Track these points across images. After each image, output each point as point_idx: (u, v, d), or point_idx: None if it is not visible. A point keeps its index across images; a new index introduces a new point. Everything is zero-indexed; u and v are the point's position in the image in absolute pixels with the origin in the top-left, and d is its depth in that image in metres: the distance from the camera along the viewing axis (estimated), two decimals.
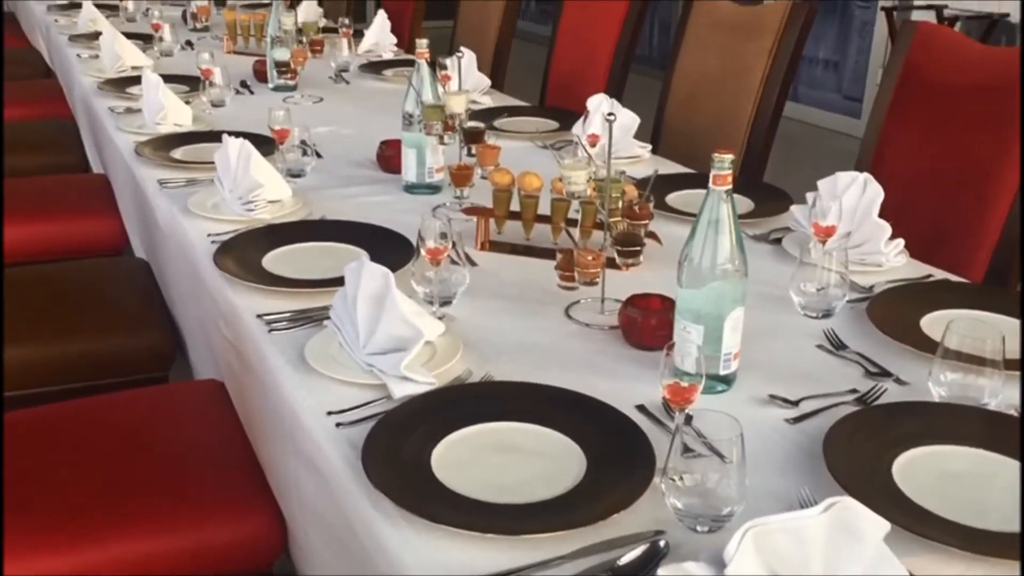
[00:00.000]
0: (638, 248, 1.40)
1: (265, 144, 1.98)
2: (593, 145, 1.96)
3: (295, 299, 1.43)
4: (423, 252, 1.35)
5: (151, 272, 2.24)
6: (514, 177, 1.62)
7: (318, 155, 2.15)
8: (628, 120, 2.14)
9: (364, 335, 1.23)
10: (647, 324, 1.28)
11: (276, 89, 2.80)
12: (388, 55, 3.36)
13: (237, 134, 1.93)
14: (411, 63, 3.20)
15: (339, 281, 1.32)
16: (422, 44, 1.87)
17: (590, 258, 1.35)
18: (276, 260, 1.56)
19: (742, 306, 1.18)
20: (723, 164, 1.13)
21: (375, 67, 3.11)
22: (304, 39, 2.81)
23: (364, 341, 1.23)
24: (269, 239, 1.62)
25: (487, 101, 2.73)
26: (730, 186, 1.15)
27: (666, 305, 1.29)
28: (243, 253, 1.57)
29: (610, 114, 1.33)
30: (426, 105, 1.80)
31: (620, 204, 1.42)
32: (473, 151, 1.81)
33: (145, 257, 2.32)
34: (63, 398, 1.80)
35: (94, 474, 1.47)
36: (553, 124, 2.49)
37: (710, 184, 1.14)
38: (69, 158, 3.22)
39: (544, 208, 1.63)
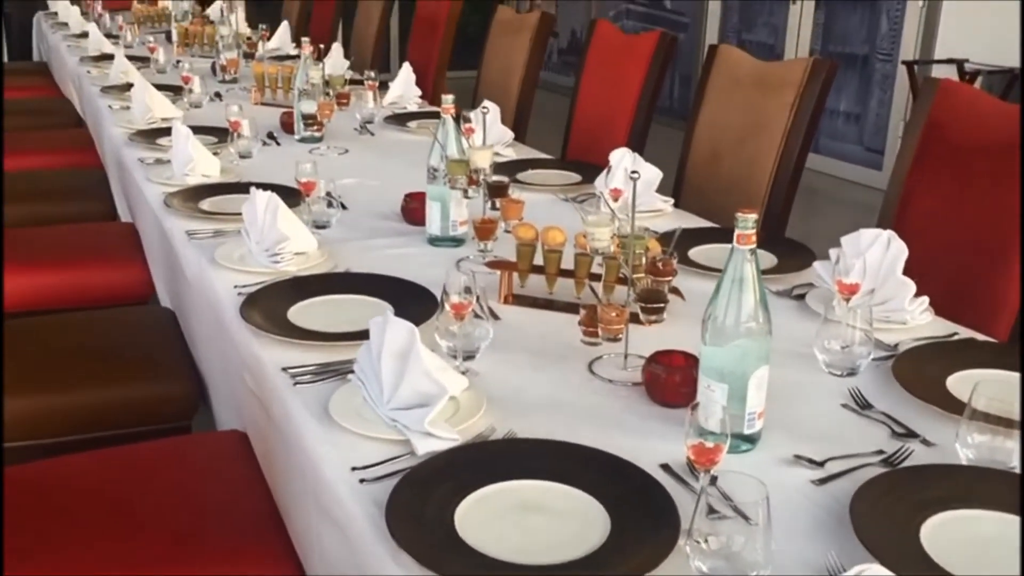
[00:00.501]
0: (662, 305, 1.41)
1: (291, 196, 2.01)
2: (616, 199, 1.98)
3: (320, 352, 1.44)
4: (447, 306, 1.36)
5: (176, 321, 2.26)
6: (538, 232, 1.63)
7: (343, 207, 2.18)
8: (651, 175, 2.16)
9: (388, 390, 1.23)
10: (671, 381, 1.28)
11: (302, 140, 2.85)
12: (412, 107, 3.41)
13: (264, 186, 1.96)
14: (435, 115, 3.26)
15: (364, 335, 1.33)
16: (448, 100, 1.90)
17: (614, 314, 1.35)
18: (301, 312, 1.58)
19: (766, 365, 1.18)
20: (747, 223, 1.14)
21: (400, 119, 3.16)
22: (331, 92, 2.85)
23: (388, 396, 1.23)
24: (295, 291, 1.64)
25: (510, 154, 2.75)
26: (754, 245, 1.15)
27: (690, 362, 1.29)
28: (269, 305, 1.58)
29: (634, 172, 1.34)
30: (451, 159, 1.82)
31: (644, 260, 1.43)
32: (497, 205, 1.83)
33: (171, 306, 2.34)
34: (87, 446, 1.81)
35: (115, 524, 1.48)
36: (575, 177, 2.51)
37: (734, 243, 1.15)
38: (98, 207, 3.27)
39: (568, 263, 1.64)
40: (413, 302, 1.59)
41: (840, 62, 5.60)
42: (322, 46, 3.53)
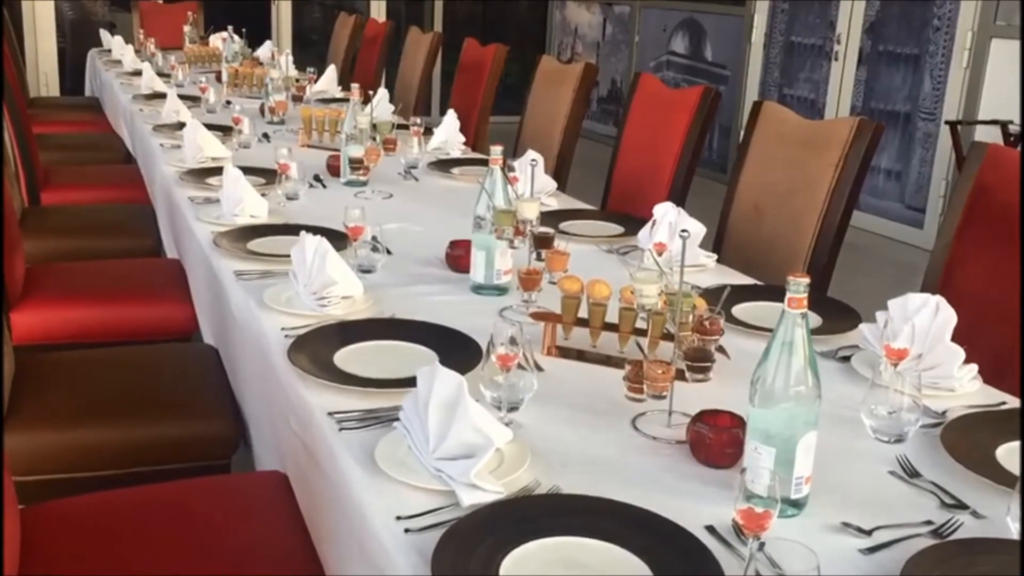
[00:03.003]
0: (708, 364, 1.41)
1: (338, 239, 2.04)
2: (660, 254, 1.99)
3: (366, 398, 1.45)
4: (494, 357, 1.37)
5: (219, 359, 2.28)
6: (583, 284, 1.64)
7: (388, 252, 2.20)
8: (696, 230, 2.16)
9: (434, 440, 1.24)
10: (716, 442, 1.27)
11: (348, 184, 2.89)
12: (456, 153, 3.45)
13: (312, 229, 2.00)
14: (479, 162, 3.32)
15: (410, 382, 1.34)
16: (496, 151, 1.92)
17: (660, 371, 1.35)
18: (348, 357, 1.59)
19: (815, 429, 1.18)
20: (799, 287, 1.14)
21: (443, 165, 3.19)
22: (378, 137, 2.90)
23: (434, 446, 1.24)
24: (341, 336, 1.66)
25: (553, 203, 2.78)
26: (805, 309, 1.15)
27: (735, 423, 1.29)
28: (316, 349, 1.60)
29: (683, 231, 1.35)
30: (498, 210, 1.84)
31: (691, 318, 1.43)
32: (542, 256, 1.85)
33: (214, 343, 2.37)
34: (126, 482, 1.84)
35: (153, 561, 1.49)
36: (618, 229, 2.52)
37: (785, 306, 1.15)
38: (145, 242, 3.33)
39: (612, 316, 1.65)
40: (458, 350, 1.60)
41: (882, 120, 5.62)
42: (371, 92, 3.60)
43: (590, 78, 3.80)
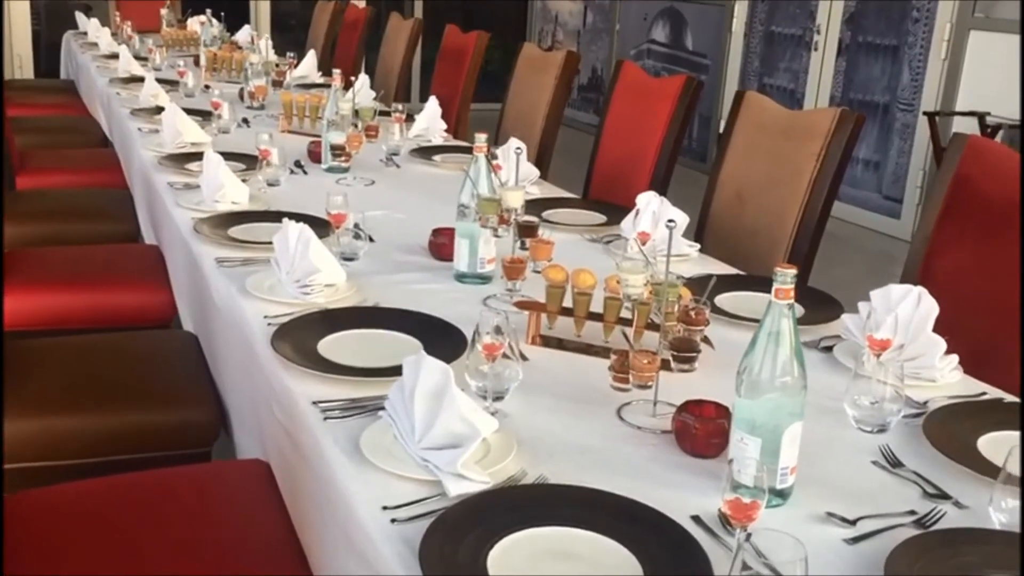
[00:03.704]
0: (694, 355, 1.41)
1: (320, 226, 2.02)
2: (644, 243, 1.99)
3: (350, 387, 1.45)
4: (479, 346, 1.36)
5: (199, 346, 2.26)
6: (568, 274, 1.64)
7: (370, 239, 2.19)
8: (678, 219, 2.17)
9: (420, 430, 1.24)
10: (702, 432, 1.28)
11: (329, 170, 2.87)
12: (438, 140, 3.43)
13: (293, 216, 1.98)
14: (461, 149, 3.30)
15: (395, 371, 1.34)
16: (480, 139, 1.91)
17: (645, 361, 1.35)
18: (331, 346, 1.58)
19: (800, 420, 1.18)
20: (786, 278, 1.15)
21: (425, 152, 3.18)
22: (359, 123, 2.87)
23: (420, 436, 1.23)
24: (325, 324, 1.65)
25: (535, 192, 2.77)
26: (792, 300, 1.16)
27: (720, 413, 1.29)
28: (299, 337, 1.59)
29: (670, 221, 1.35)
30: (483, 198, 1.83)
31: (676, 308, 1.43)
32: (526, 244, 1.84)
33: (194, 331, 2.35)
34: (104, 470, 1.82)
35: (131, 551, 1.48)
36: (600, 218, 2.52)
37: (772, 297, 1.15)
38: (122, 227, 3.29)
39: (596, 306, 1.65)
40: (442, 339, 1.59)
41: (861, 110, 5.65)
42: (353, 78, 3.57)
43: (572, 66, 3.79)
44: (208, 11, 4.85)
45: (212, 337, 2.08)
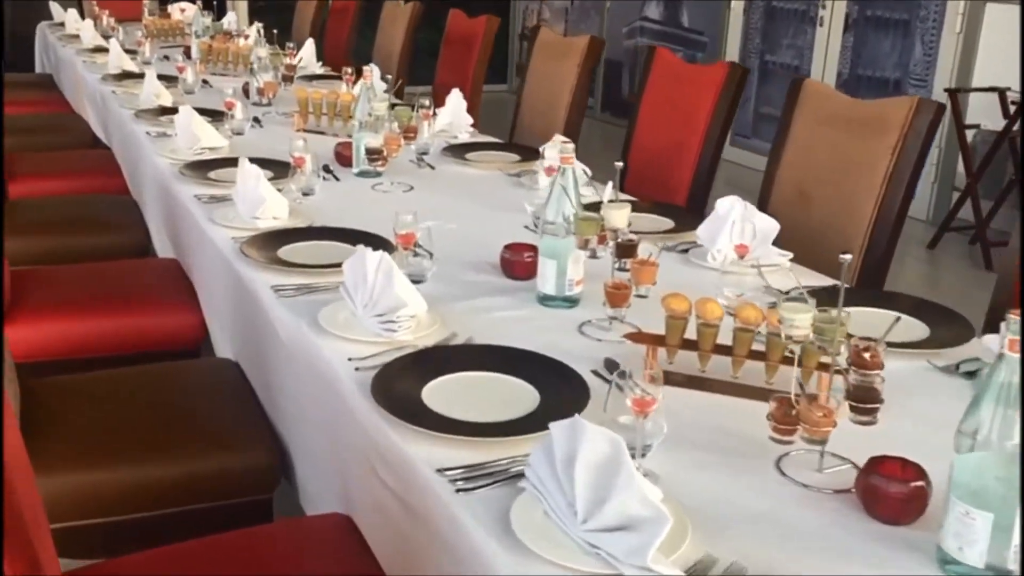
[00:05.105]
0: (876, 406, 1.25)
1: (372, 241, 1.86)
2: (742, 257, 1.83)
3: (475, 449, 1.27)
4: (629, 402, 1.20)
5: (243, 376, 2.08)
6: (691, 303, 1.47)
7: (429, 255, 2.01)
8: (767, 226, 2.01)
9: (585, 508, 1.07)
10: (898, 496, 1.12)
11: (361, 175, 2.67)
12: (464, 136, 3.24)
13: (354, 236, 1.80)
14: (491, 146, 3.11)
15: (520, 428, 1.19)
16: (568, 149, 1.73)
17: (820, 415, 1.19)
18: (438, 395, 1.40)
19: None
20: (1019, 328, 0.99)
21: (457, 150, 2.98)
22: (395, 124, 2.67)
23: (585, 515, 1.07)
24: (423, 368, 1.47)
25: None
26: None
27: (914, 473, 1.14)
28: (401, 387, 1.41)
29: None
30: (581, 216, 1.66)
31: (847, 348, 1.26)
32: (626, 266, 1.67)
33: (233, 357, 2.17)
34: (153, 527, 1.67)
35: None
36: (666, 222, 2.34)
37: (1005, 349, 0.99)
38: (131, 238, 3.08)
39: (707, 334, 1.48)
40: (558, 382, 1.43)
41: (870, 87, 5.51)
42: (347, 68, 3.33)
43: (596, 52, 3.61)
44: (199, 1, 4.58)
45: (270, 370, 1.89)
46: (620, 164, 1.80)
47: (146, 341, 2.42)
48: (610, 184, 1.80)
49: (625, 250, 1.66)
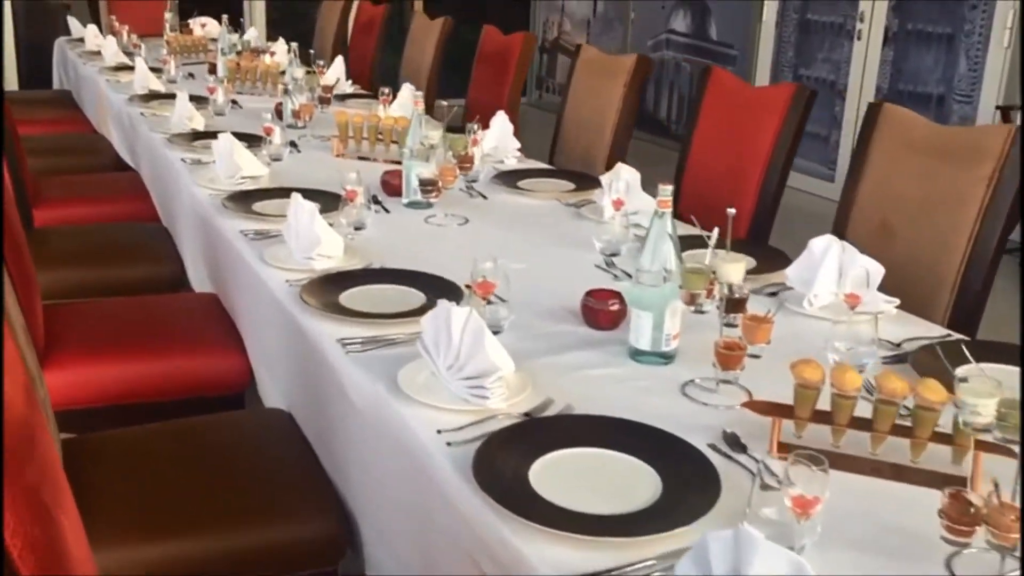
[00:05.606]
0: None
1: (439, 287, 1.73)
2: (853, 307, 1.67)
3: (599, 550, 1.11)
4: (788, 500, 1.04)
5: (298, 428, 1.92)
6: (825, 372, 1.31)
7: (501, 300, 1.85)
8: (873, 269, 1.85)
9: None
10: None
11: (410, 205, 2.52)
12: (511, 162, 3.08)
13: (426, 283, 1.65)
14: (544, 172, 2.95)
15: (653, 522, 1.03)
16: (666, 191, 1.57)
17: (1011, 519, 1.03)
18: (547, 477, 1.24)
19: None
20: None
21: (508, 178, 2.82)
22: (448, 152, 2.51)
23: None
24: (527, 444, 1.31)
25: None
26: None
27: None
28: (505, 467, 1.25)
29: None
30: (689, 268, 1.50)
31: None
32: (734, 321, 1.51)
33: (286, 408, 2.01)
34: None
35: None
36: (746, 259, 2.17)
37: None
38: (165, 270, 2.94)
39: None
40: (679, 461, 1.27)
41: (911, 103, 5.35)
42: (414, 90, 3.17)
43: (644, 72, 3.46)
44: (224, 17, 4.43)
45: (333, 430, 1.73)
46: (732, 211, 1.64)
47: (189, 386, 2.27)
48: (716, 232, 1.64)
49: (735, 304, 1.50)
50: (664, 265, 1.57)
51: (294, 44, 3.59)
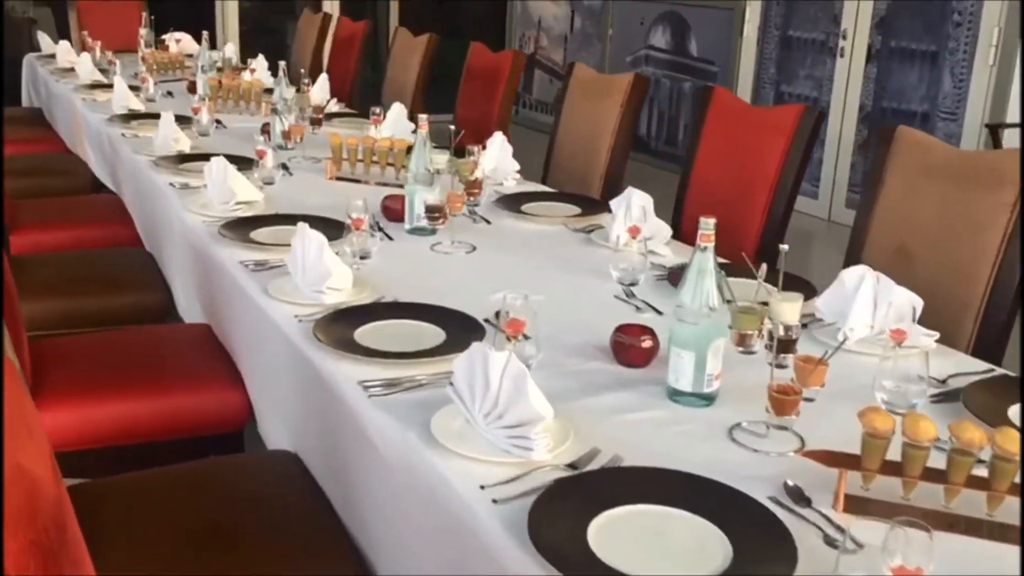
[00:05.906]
0: None
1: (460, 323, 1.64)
2: (900, 343, 1.60)
3: None
4: (888, 571, 0.96)
5: (307, 472, 1.82)
6: (895, 421, 1.24)
7: (526, 337, 1.76)
8: (909, 301, 1.78)
9: None
10: None
11: (414, 232, 2.43)
12: (511, 184, 3.00)
13: (439, 313, 1.56)
14: (545, 195, 2.87)
15: None
16: (708, 224, 1.50)
17: None
18: (607, 541, 1.15)
19: None
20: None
21: (511, 202, 2.74)
22: (456, 177, 2.42)
23: None
24: (580, 501, 1.21)
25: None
26: None
27: None
28: (560, 529, 1.16)
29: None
30: (740, 309, 1.42)
31: None
32: (784, 362, 1.44)
33: (291, 448, 1.91)
34: None
35: None
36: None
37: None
38: (152, 299, 2.81)
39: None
40: (745, 519, 1.19)
41: (896, 120, 5.34)
42: (376, 109, 3.06)
43: (642, 91, 3.40)
44: (204, 33, 4.30)
45: (350, 476, 1.62)
46: (785, 247, 1.56)
47: (188, 426, 2.16)
48: (763, 267, 1.56)
49: (785, 345, 1.42)
50: (706, 302, 1.49)
51: (281, 63, 3.47)
